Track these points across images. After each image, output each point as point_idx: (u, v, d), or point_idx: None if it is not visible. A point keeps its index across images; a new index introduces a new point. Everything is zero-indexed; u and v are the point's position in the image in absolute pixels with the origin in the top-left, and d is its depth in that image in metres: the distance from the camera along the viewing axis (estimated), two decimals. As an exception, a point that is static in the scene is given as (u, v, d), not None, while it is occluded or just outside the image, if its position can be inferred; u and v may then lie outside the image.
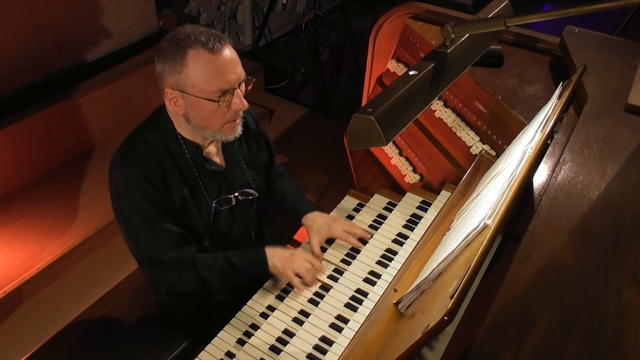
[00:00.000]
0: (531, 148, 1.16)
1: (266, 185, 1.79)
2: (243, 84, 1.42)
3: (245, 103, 1.42)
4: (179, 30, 1.37)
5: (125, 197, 1.45)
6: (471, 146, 1.77)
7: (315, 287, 1.54)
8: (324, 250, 1.67)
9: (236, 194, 1.61)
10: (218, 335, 1.44)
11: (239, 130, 1.48)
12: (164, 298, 1.72)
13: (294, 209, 1.79)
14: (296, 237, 1.97)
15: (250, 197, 1.65)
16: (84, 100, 2.85)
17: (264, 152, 1.77)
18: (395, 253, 1.62)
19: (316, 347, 1.38)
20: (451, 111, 1.88)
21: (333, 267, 1.61)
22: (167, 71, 1.36)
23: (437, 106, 1.92)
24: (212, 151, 1.57)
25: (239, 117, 1.46)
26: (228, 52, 1.36)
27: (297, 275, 1.54)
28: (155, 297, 1.74)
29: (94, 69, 2.99)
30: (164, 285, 1.53)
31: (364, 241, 1.68)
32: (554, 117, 1.25)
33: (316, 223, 1.68)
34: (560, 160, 1.33)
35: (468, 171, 1.63)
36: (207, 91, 1.35)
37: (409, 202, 1.79)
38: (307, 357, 1.36)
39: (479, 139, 1.76)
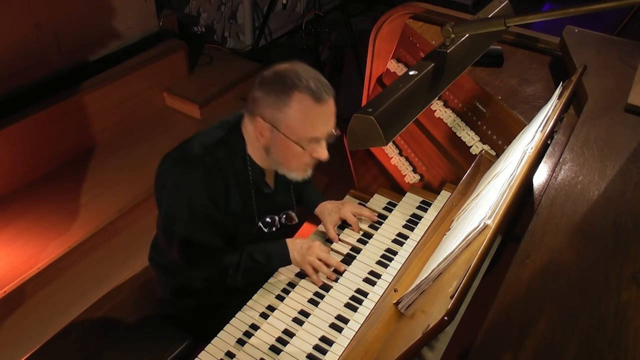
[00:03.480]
0: (531, 148, 1.16)
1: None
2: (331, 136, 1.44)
3: (327, 154, 1.43)
4: (291, 67, 1.37)
5: (180, 206, 1.45)
6: (471, 146, 1.77)
7: (316, 287, 1.54)
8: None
9: (282, 216, 1.66)
10: (218, 335, 1.44)
11: (309, 173, 1.50)
12: (170, 296, 1.73)
13: (307, 200, 1.81)
14: (296, 237, 1.97)
15: (293, 222, 1.69)
16: (84, 100, 2.85)
17: None
18: (395, 253, 1.62)
19: (316, 347, 1.38)
20: (451, 111, 1.88)
21: (332, 267, 1.61)
22: (266, 103, 1.36)
23: (437, 106, 1.92)
24: (269, 173, 1.58)
25: (314, 163, 1.47)
26: (331, 104, 1.38)
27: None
28: (163, 293, 1.74)
29: (94, 69, 2.99)
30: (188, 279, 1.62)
31: (364, 241, 1.68)
32: (554, 117, 1.25)
33: (326, 209, 1.73)
34: (560, 160, 1.33)
35: (468, 171, 1.63)
36: (300, 136, 1.37)
37: (409, 202, 1.80)
38: (307, 357, 1.36)
39: (479, 139, 1.76)
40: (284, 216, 1.68)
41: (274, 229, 1.64)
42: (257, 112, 1.39)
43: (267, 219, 1.62)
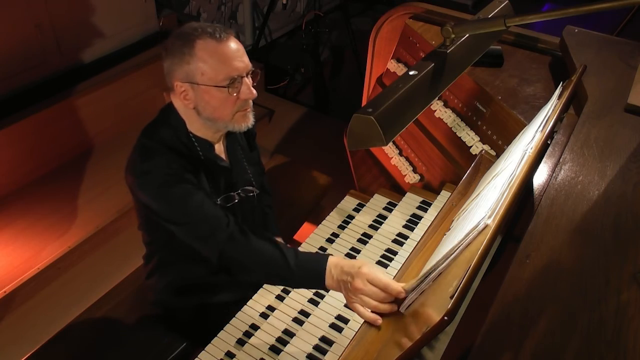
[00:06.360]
0: (531, 148, 1.15)
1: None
2: (251, 75, 1.43)
3: (254, 92, 1.43)
4: (186, 25, 1.40)
5: (162, 188, 1.40)
6: (471, 146, 1.77)
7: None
8: (323, 250, 1.67)
9: (239, 191, 1.62)
10: (218, 335, 1.44)
11: (250, 119, 1.48)
12: (167, 296, 1.72)
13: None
14: (296, 237, 1.97)
15: (251, 194, 1.66)
16: (84, 100, 2.85)
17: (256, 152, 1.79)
18: (395, 253, 1.62)
19: (316, 347, 1.38)
20: (451, 111, 1.88)
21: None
22: (175, 64, 1.38)
23: (437, 106, 1.92)
24: (220, 149, 1.58)
25: (250, 107, 1.47)
26: (234, 42, 1.40)
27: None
28: (160, 294, 1.73)
29: (94, 69, 3.00)
30: (216, 252, 1.42)
31: (364, 241, 1.68)
32: (554, 117, 1.25)
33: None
34: (560, 160, 1.33)
35: (468, 171, 1.63)
36: (216, 79, 1.37)
37: (409, 202, 1.79)
38: (307, 357, 1.36)
39: (479, 139, 1.76)
40: (241, 191, 1.63)
41: (232, 203, 1.60)
42: (173, 80, 1.41)
43: (227, 196, 1.58)
